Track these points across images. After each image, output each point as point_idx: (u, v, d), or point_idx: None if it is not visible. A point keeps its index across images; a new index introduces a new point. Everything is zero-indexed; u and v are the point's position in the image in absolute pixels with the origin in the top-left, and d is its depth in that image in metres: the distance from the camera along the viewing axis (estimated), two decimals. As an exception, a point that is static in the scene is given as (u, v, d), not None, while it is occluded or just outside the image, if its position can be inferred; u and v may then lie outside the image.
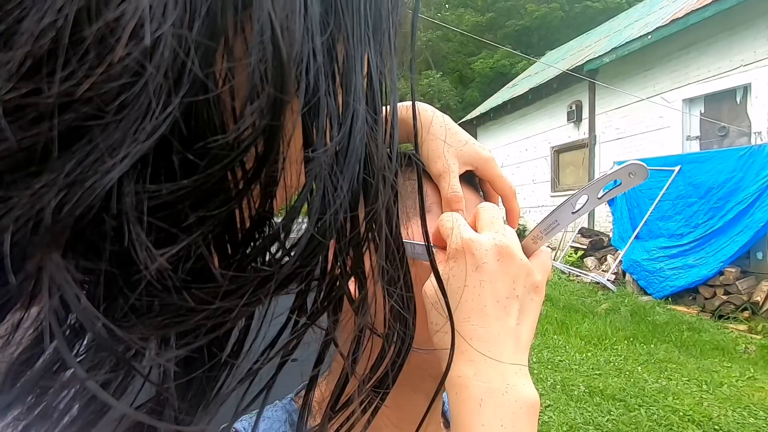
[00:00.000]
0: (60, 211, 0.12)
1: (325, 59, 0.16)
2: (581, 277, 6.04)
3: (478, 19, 21.78)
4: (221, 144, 0.14)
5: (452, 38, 21.23)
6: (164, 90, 0.12)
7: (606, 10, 16.94)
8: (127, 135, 0.12)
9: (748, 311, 4.38)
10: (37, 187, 0.12)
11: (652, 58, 6.34)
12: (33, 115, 0.12)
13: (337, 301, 0.21)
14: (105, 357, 0.15)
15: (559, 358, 3.64)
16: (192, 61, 0.13)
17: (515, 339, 0.35)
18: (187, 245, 0.15)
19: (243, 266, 0.17)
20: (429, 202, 0.44)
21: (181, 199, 0.14)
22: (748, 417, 2.73)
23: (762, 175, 4.43)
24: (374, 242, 0.21)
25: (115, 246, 0.14)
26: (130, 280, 0.14)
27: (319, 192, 0.17)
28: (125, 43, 0.12)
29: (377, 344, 0.25)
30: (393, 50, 0.20)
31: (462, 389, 0.33)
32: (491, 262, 0.35)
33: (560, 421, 2.71)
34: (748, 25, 5.19)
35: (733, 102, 5.56)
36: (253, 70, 0.14)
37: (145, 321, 0.15)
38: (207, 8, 0.13)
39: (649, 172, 0.38)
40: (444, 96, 18.79)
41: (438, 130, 0.45)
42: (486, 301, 0.35)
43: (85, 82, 0.12)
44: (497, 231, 0.38)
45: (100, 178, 0.12)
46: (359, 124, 0.18)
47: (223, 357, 0.19)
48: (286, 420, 0.44)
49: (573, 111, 7.93)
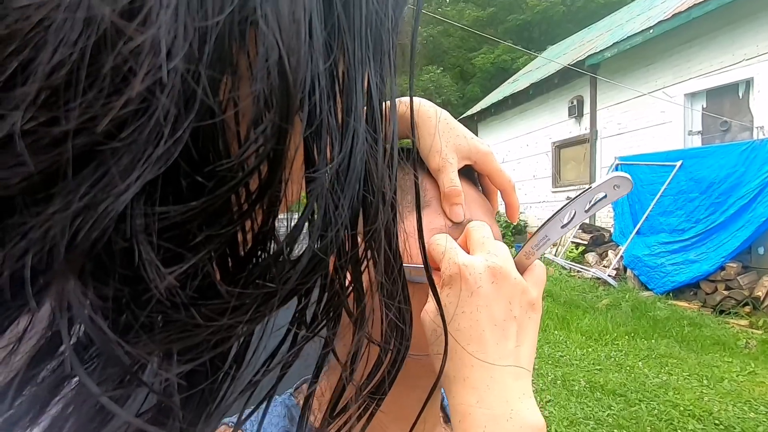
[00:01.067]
0: (76, 235, 0.12)
1: (327, 81, 0.16)
2: (582, 273, 6.04)
3: (479, 14, 21.69)
4: (228, 167, 0.15)
5: (453, 33, 21.15)
6: (173, 115, 0.13)
7: (607, 4, 16.85)
8: (137, 159, 0.12)
9: (749, 306, 4.39)
10: (51, 212, 0.12)
11: (654, 52, 6.30)
12: (47, 140, 0.12)
13: (337, 314, 0.22)
14: (113, 371, 0.15)
15: (560, 354, 3.64)
16: (202, 89, 0.13)
17: (516, 361, 0.35)
18: (195, 263, 0.15)
19: (248, 283, 0.17)
20: (428, 197, 0.44)
21: (190, 219, 0.15)
22: (748, 412, 2.74)
23: (764, 170, 4.41)
24: (374, 259, 0.22)
25: (125, 266, 0.14)
26: (140, 298, 0.15)
27: (320, 210, 0.17)
28: (142, 78, 0.12)
29: (374, 353, 0.26)
30: (393, 70, 0.20)
31: (465, 417, 0.33)
32: (486, 285, 0.35)
33: (561, 416, 2.72)
34: (750, 19, 5.16)
35: (736, 96, 5.53)
36: (258, 95, 0.14)
37: (152, 337, 0.15)
38: (216, 36, 0.13)
39: (633, 183, 0.39)
40: (445, 91, 18.75)
41: (436, 124, 0.45)
42: (484, 326, 0.35)
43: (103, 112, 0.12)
44: (489, 251, 0.37)
45: (113, 201, 0.12)
46: (360, 143, 0.18)
47: (224, 369, 0.19)
48: (285, 415, 0.44)
49: (574, 106, 7.90)
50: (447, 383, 0.35)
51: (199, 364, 0.17)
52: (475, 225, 0.41)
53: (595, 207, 0.39)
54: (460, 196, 0.43)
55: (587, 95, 7.66)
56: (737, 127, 5.47)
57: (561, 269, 6.30)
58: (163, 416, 0.18)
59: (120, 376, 0.15)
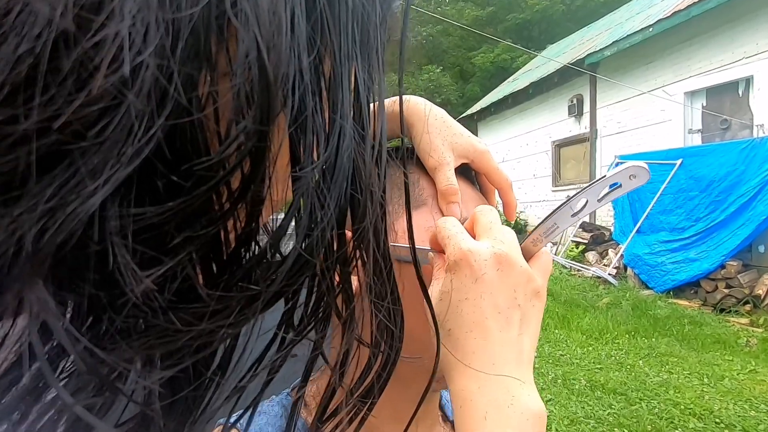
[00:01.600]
0: (41, 238, 0.12)
1: (312, 77, 0.16)
2: (582, 272, 6.04)
3: (479, 13, 21.67)
4: (207, 165, 0.14)
5: (452, 33, 21.13)
6: (146, 113, 0.12)
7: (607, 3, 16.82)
8: (108, 158, 0.12)
9: (749, 305, 4.38)
10: (16, 214, 0.12)
11: (654, 50, 6.30)
12: (12, 140, 0.11)
13: (325, 316, 0.21)
14: (89, 379, 0.15)
15: (561, 353, 3.64)
16: (174, 86, 0.13)
17: (518, 350, 0.34)
18: (173, 266, 0.15)
19: (230, 286, 0.17)
20: (425, 195, 0.44)
21: (167, 221, 0.14)
22: (749, 410, 2.74)
23: (764, 168, 4.41)
24: (362, 259, 0.21)
25: (100, 269, 0.13)
26: (116, 302, 0.14)
27: (306, 210, 0.17)
28: (105, 73, 0.11)
29: (364, 355, 0.25)
30: (381, 66, 0.20)
31: (466, 402, 0.33)
32: (491, 272, 0.35)
33: (561, 415, 2.72)
34: (750, 17, 5.16)
35: (735, 95, 5.53)
36: (238, 91, 0.14)
37: (130, 342, 0.15)
38: (190, 30, 0.13)
39: (650, 173, 0.37)
40: (444, 91, 18.73)
41: (433, 122, 0.45)
42: (487, 313, 0.34)
43: (65, 109, 0.11)
44: (495, 237, 0.37)
45: (82, 203, 0.12)
46: (346, 141, 0.18)
47: (208, 375, 0.19)
48: (282, 415, 0.44)
49: (574, 105, 7.89)
50: (448, 369, 0.35)
51: (182, 370, 0.17)
52: (484, 209, 0.40)
53: (609, 196, 0.37)
54: (456, 194, 0.43)
55: (587, 94, 7.65)
56: (737, 125, 5.46)
57: (561, 268, 6.29)
58: (145, 425, 0.17)
59: (97, 384, 0.15)
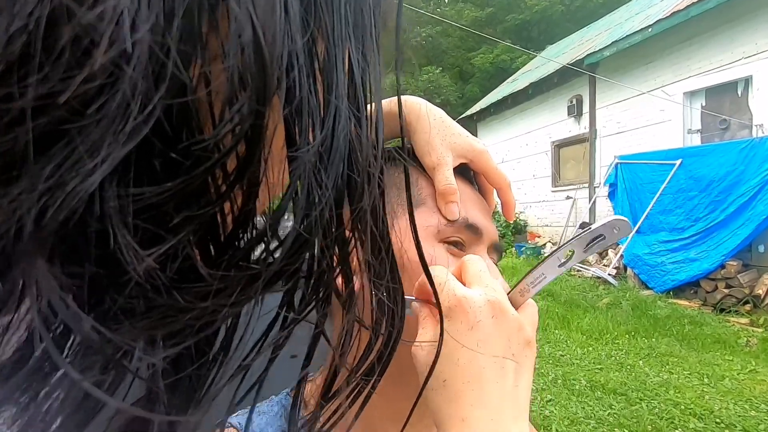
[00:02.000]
0: (43, 216, 0.12)
1: (306, 58, 0.16)
2: (582, 272, 6.04)
3: (478, 13, 21.70)
4: (204, 146, 0.14)
5: (452, 33, 21.15)
6: (143, 90, 0.12)
7: (606, 3, 16.84)
8: (106, 136, 0.12)
9: (749, 304, 4.38)
10: (16, 193, 0.12)
11: (653, 51, 6.31)
12: (8, 119, 0.11)
13: (325, 296, 0.21)
14: (95, 359, 0.15)
15: (561, 353, 3.64)
16: (173, 62, 0.13)
17: (514, 401, 0.34)
18: (174, 245, 0.15)
19: (230, 265, 0.17)
20: (423, 195, 0.44)
21: (166, 201, 0.14)
22: (749, 410, 2.73)
23: (763, 167, 4.41)
24: (360, 239, 0.21)
25: (101, 248, 0.14)
26: (118, 281, 0.14)
27: (303, 190, 0.17)
28: (104, 49, 0.11)
29: (366, 335, 0.25)
30: (376, 47, 0.20)
31: None
32: (486, 319, 0.35)
33: (561, 416, 2.72)
34: (749, 17, 5.16)
35: (735, 95, 5.53)
36: (233, 72, 0.14)
37: (133, 322, 0.15)
38: (184, 9, 0.13)
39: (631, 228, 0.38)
40: (444, 92, 18.75)
41: (432, 122, 0.45)
42: (484, 362, 0.34)
43: (64, 86, 0.11)
44: (487, 285, 0.37)
45: (81, 181, 0.12)
46: (342, 122, 0.18)
47: (211, 354, 0.19)
48: (282, 414, 0.44)
49: (573, 105, 7.90)
50: (443, 422, 0.34)
51: (185, 349, 0.17)
52: (471, 259, 0.40)
53: (594, 248, 0.39)
54: (455, 194, 0.43)
55: (586, 94, 7.66)
56: (736, 125, 5.47)
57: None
58: (150, 403, 0.18)
59: (103, 362, 0.15)
